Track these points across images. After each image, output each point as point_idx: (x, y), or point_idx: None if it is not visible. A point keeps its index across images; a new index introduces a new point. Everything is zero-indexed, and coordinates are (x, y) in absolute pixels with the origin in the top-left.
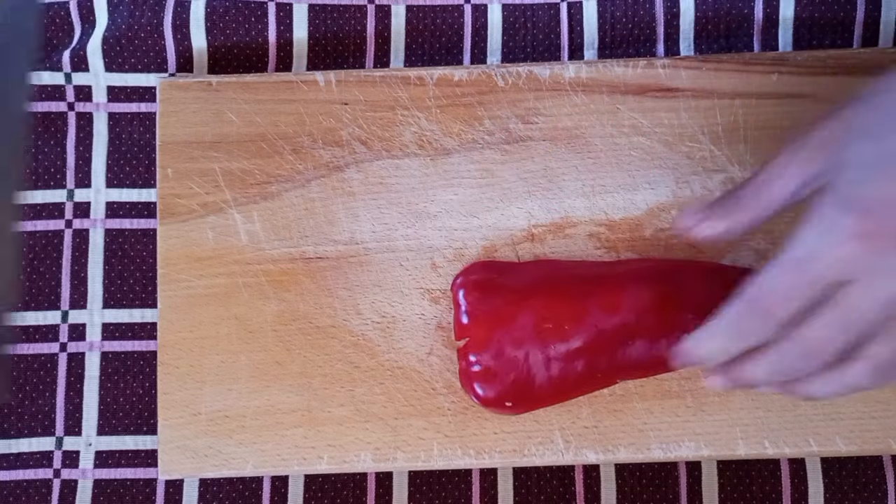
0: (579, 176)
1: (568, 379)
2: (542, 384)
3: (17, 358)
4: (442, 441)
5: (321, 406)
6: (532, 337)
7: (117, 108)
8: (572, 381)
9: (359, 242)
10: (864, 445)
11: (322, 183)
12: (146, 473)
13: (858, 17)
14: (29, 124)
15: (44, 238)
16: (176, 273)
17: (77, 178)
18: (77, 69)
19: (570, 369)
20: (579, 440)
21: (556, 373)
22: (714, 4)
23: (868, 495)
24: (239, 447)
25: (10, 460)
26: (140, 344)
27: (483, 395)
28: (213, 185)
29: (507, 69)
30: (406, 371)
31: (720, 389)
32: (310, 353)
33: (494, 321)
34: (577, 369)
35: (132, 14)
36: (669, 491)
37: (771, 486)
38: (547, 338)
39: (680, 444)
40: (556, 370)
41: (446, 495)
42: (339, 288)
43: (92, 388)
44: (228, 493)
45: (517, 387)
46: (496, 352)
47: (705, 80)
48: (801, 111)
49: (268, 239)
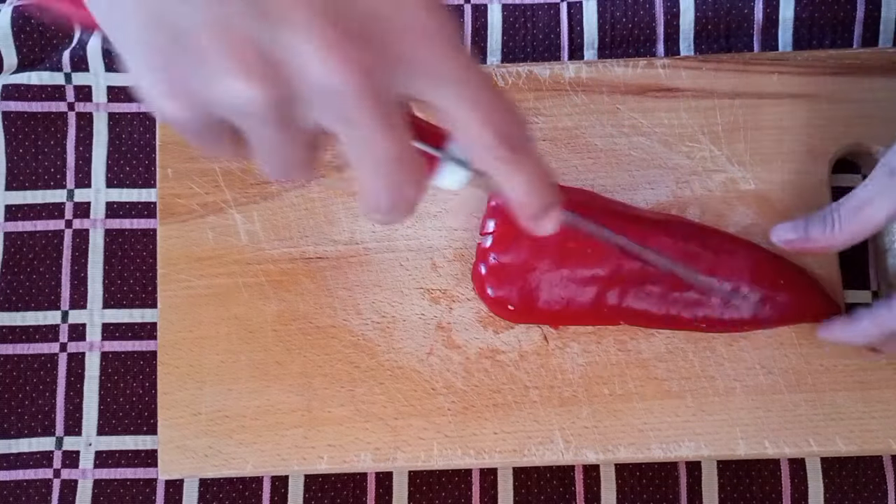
0: (579, 176)
1: (574, 301)
2: (549, 300)
3: (17, 358)
4: (442, 441)
5: (321, 406)
6: (554, 251)
7: (117, 108)
8: (578, 305)
9: (359, 242)
10: (864, 445)
11: (322, 183)
12: (146, 473)
13: (858, 16)
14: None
15: (44, 238)
16: (176, 273)
17: (77, 178)
18: (77, 69)
19: (579, 293)
20: (579, 440)
21: (565, 293)
22: (714, 4)
23: (868, 495)
24: (239, 447)
25: (10, 460)
26: (140, 344)
27: (491, 293)
28: (213, 185)
29: (507, 69)
30: (406, 371)
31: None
32: (310, 353)
33: (520, 245)
34: (586, 296)
35: None
36: (669, 491)
37: (771, 486)
38: (567, 256)
39: (680, 444)
40: (565, 291)
41: (446, 495)
42: (339, 288)
43: (92, 388)
44: (228, 493)
45: (524, 294)
46: (515, 254)
47: (705, 80)
48: (801, 111)
49: (268, 239)
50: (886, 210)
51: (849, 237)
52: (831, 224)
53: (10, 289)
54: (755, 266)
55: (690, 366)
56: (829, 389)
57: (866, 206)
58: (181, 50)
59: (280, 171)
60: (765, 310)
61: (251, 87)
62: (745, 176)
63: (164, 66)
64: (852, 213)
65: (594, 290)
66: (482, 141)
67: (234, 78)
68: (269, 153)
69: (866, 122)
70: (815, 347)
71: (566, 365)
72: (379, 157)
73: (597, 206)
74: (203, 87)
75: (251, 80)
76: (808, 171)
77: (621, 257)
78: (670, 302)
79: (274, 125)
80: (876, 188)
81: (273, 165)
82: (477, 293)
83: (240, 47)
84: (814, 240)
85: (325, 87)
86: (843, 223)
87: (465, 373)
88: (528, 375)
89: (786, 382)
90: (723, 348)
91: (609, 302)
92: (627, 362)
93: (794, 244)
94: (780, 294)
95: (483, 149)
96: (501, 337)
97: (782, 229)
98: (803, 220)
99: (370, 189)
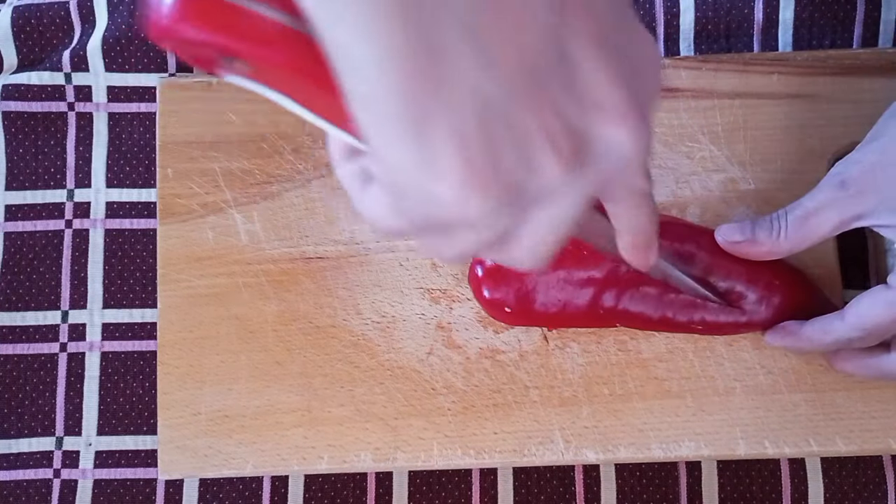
0: None
1: (570, 304)
2: (545, 302)
3: (17, 358)
4: (442, 441)
5: (321, 406)
6: None
7: (117, 108)
8: (574, 307)
9: (359, 242)
10: (864, 445)
11: (322, 183)
12: (146, 473)
13: (858, 17)
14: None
15: (44, 238)
16: (176, 273)
17: (77, 178)
18: (77, 69)
19: (576, 295)
20: (579, 440)
21: (561, 295)
22: (714, 4)
23: (868, 495)
24: (239, 447)
25: (10, 460)
26: (140, 344)
27: (488, 295)
28: (213, 185)
29: None
30: (406, 371)
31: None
32: (310, 353)
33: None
34: (583, 298)
35: (132, 14)
36: (669, 491)
37: (771, 486)
38: (563, 258)
39: (680, 444)
40: (562, 293)
41: (446, 495)
42: (339, 288)
43: (92, 388)
44: (228, 493)
45: (520, 296)
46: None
47: (705, 81)
48: (801, 111)
49: (268, 239)
50: (832, 223)
51: (793, 245)
52: (777, 230)
53: (10, 289)
54: (751, 267)
55: (690, 366)
56: (829, 389)
57: (812, 217)
58: (504, 135)
59: (541, 258)
60: (761, 311)
61: (564, 169)
62: (744, 176)
63: (482, 150)
64: (799, 222)
65: (590, 293)
66: (634, 186)
67: (551, 159)
68: (544, 236)
69: (866, 122)
70: None
71: (566, 365)
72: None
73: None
74: (519, 170)
75: (562, 160)
76: (807, 171)
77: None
78: (666, 304)
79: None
80: (825, 199)
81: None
82: (474, 295)
83: (558, 131)
84: (759, 243)
85: (628, 162)
86: (788, 231)
87: (465, 373)
88: (528, 375)
89: (786, 382)
90: (723, 348)
91: (605, 304)
92: (627, 362)
93: (739, 246)
94: (776, 295)
95: (631, 192)
96: (501, 337)
97: (728, 230)
98: (750, 223)
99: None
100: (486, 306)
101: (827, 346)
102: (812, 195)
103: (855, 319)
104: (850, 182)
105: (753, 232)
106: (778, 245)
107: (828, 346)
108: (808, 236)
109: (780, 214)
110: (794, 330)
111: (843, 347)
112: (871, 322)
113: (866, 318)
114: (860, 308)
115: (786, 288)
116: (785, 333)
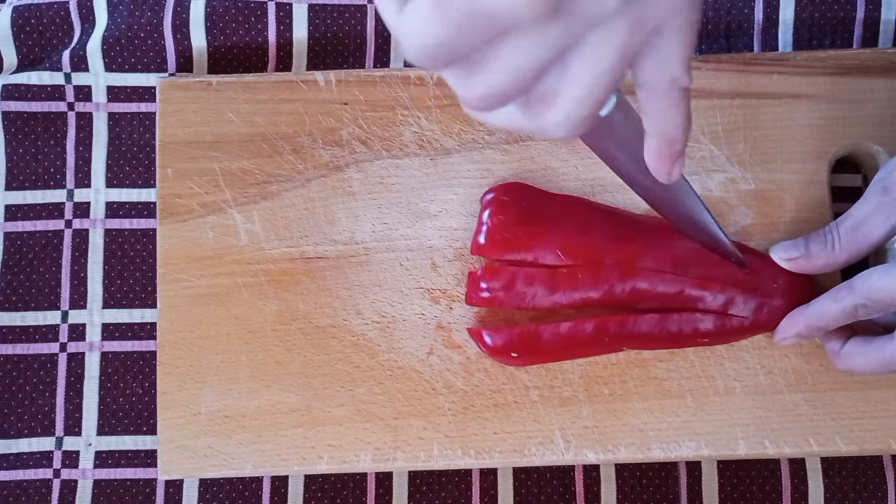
0: (579, 176)
1: (576, 338)
2: (550, 339)
3: (17, 358)
4: (442, 441)
5: (321, 406)
6: (544, 278)
7: (117, 108)
8: (580, 340)
9: (359, 242)
10: (864, 445)
11: (322, 183)
12: (146, 473)
13: (858, 17)
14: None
15: (44, 238)
16: (176, 273)
17: (77, 178)
18: (77, 69)
19: (580, 328)
20: (579, 440)
21: (565, 330)
22: (714, 4)
23: (868, 495)
24: (239, 447)
25: (10, 460)
26: (140, 344)
27: (491, 343)
28: (213, 184)
29: None
30: (406, 371)
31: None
32: (310, 353)
33: (511, 250)
34: (586, 330)
35: (132, 14)
36: (669, 491)
37: (771, 486)
38: (558, 282)
39: (680, 444)
40: (566, 328)
41: (446, 495)
42: (339, 288)
43: (92, 388)
44: (228, 493)
45: (524, 338)
46: (506, 283)
47: (705, 80)
48: (801, 111)
49: (268, 239)
50: (884, 228)
51: (849, 255)
52: (832, 243)
53: (10, 289)
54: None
55: (690, 366)
56: (828, 389)
57: (862, 225)
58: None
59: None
60: (762, 315)
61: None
62: (745, 176)
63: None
64: (850, 232)
65: (593, 324)
66: (673, 71)
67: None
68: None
69: (866, 122)
70: (815, 347)
71: (566, 365)
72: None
73: (589, 222)
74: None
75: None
76: (808, 171)
77: (612, 276)
78: (671, 322)
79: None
80: (872, 206)
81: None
82: (478, 346)
83: None
84: (815, 257)
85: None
86: (842, 242)
87: (465, 373)
88: (528, 375)
89: (786, 382)
90: (723, 348)
91: (610, 331)
92: (627, 362)
93: (796, 262)
94: (776, 298)
95: (670, 79)
96: None
97: (783, 248)
98: (803, 239)
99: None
100: (492, 354)
101: (835, 317)
102: (859, 204)
103: (864, 289)
104: (891, 187)
105: (807, 247)
106: (834, 257)
107: (835, 318)
108: (862, 244)
109: (831, 227)
110: (802, 310)
111: (848, 322)
112: (879, 291)
113: (875, 286)
114: (870, 278)
115: (786, 289)
116: (792, 319)
